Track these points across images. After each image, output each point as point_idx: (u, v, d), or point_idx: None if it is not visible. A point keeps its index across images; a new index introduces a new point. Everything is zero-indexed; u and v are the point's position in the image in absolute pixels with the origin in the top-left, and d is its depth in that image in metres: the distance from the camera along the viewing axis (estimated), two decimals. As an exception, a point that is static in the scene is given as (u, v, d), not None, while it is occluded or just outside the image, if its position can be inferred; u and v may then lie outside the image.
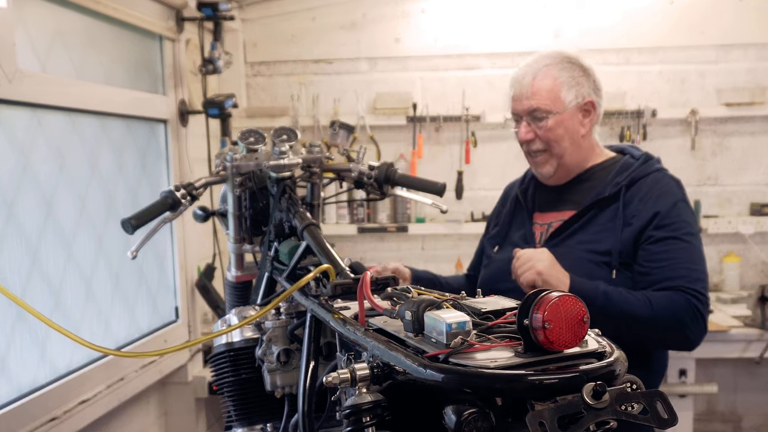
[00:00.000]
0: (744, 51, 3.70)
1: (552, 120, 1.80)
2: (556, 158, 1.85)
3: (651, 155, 1.88)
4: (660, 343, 1.74)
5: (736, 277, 3.74)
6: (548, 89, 1.80)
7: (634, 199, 1.77)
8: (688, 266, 1.69)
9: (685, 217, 1.76)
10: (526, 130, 1.83)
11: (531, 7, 3.74)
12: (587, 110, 1.85)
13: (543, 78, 1.81)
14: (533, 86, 1.81)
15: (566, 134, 1.81)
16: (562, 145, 1.83)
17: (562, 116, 1.81)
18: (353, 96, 3.84)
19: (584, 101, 1.84)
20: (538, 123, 1.81)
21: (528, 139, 1.84)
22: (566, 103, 1.81)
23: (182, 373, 3.05)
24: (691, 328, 1.65)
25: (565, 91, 1.81)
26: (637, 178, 1.80)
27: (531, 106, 1.81)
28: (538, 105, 1.80)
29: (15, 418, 1.96)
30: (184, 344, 1.27)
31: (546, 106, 1.80)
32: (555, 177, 1.89)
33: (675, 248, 1.71)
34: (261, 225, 1.73)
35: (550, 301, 0.79)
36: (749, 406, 3.85)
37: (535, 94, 1.80)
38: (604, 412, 0.76)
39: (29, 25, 2.13)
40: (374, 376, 0.92)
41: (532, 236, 1.88)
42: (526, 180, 2.01)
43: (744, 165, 3.77)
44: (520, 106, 1.84)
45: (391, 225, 3.78)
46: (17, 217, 2.05)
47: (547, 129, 1.81)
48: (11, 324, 2.01)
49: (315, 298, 1.25)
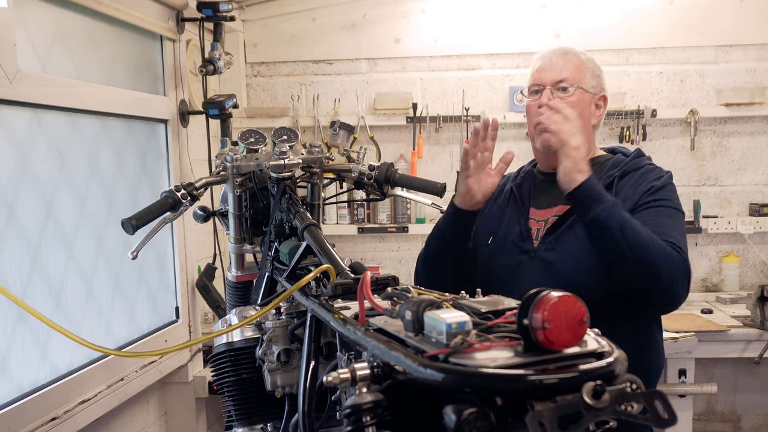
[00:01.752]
0: (744, 51, 3.70)
1: (576, 95, 1.83)
2: None
3: (642, 152, 1.91)
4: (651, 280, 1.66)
5: (736, 277, 3.75)
6: (577, 65, 1.86)
7: (625, 187, 1.80)
8: (674, 231, 1.71)
9: (674, 197, 1.80)
10: (548, 97, 1.83)
11: (531, 7, 3.74)
12: (599, 105, 1.90)
13: (573, 58, 1.87)
14: (564, 60, 1.85)
15: (582, 114, 1.83)
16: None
17: (583, 95, 1.84)
18: (353, 96, 3.84)
19: (600, 94, 1.89)
20: (561, 94, 1.83)
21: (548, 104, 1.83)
22: (589, 87, 1.86)
23: (182, 373, 3.05)
24: (678, 280, 1.66)
25: (589, 76, 1.87)
26: (629, 170, 1.83)
27: (560, 76, 1.83)
28: (567, 76, 1.83)
29: (16, 418, 1.96)
30: (185, 344, 1.27)
31: (574, 79, 1.84)
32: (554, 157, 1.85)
33: (665, 216, 1.74)
34: (261, 225, 1.74)
35: (550, 301, 0.80)
36: (748, 406, 3.85)
37: (566, 66, 1.84)
38: (604, 411, 0.76)
39: (30, 25, 2.13)
40: (374, 375, 0.92)
41: (529, 232, 1.87)
42: (520, 175, 2.01)
43: (743, 165, 3.77)
44: (547, 76, 1.85)
45: (391, 225, 3.78)
46: (18, 218, 2.05)
47: (569, 102, 1.82)
48: (12, 324, 2.01)
49: (315, 298, 1.25)
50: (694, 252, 3.77)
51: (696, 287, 3.81)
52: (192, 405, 3.11)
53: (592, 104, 1.88)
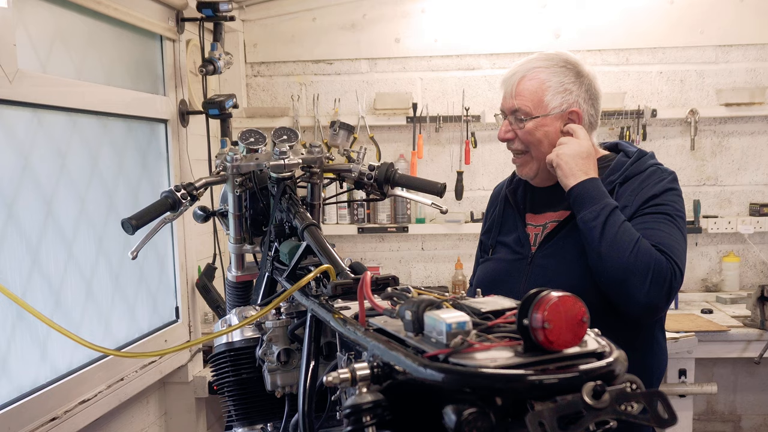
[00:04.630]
0: (743, 51, 3.71)
1: (531, 123, 1.78)
2: (537, 161, 1.82)
3: (644, 151, 1.86)
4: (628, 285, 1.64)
5: (736, 277, 3.75)
6: (532, 92, 1.78)
7: (626, 193, 1.76)
8: (669, 238, 1.68)
9: (675, 203, 1.76)
10: (505, 129, 1.82)
11: (531, 7, 3.74)
12: (571, 119, 1.81)
13: (530, 80, 1.79)
14: (519, 86, 1.79)
15: (545, 139, 1.79)
16: (540, 149, 1.80)
17: (542, 120, 1.78)
18: (353, 96, 3.84)
19: (569, 110, 1.79)
20: (519, 123, 1.80)
21: (506, 138, 1.83)
22: (549, 108, 1.78)
23: (182, 373, 3.05)
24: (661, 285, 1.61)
25: (549, 96, 1.78)
26: (630, 175, 1.79)
27: (513, 105, 1.80)
28: (519, 106, 1.78)
29: (15, 418, 1.96)
30: (184, 344, 1.27)
31: (527, 108, 1.78)
32: (538, 179, 1.86)
33: (661, 222, 1.71)
34: (261, 225, 1.74)
35: (550, 301, 0.80)
36: (749, 406, 3.85)
37: (519, 94, 1.79)
38: (604, 411, 0.76)
39: (30, 25, 2.13)
40: (374, 375, 0.92)
41: (527, 238, 1.86)
42: (515, 180, 1.99)
43: (743, 165, 3.77)
44: (506, 104, 1.83)
45: (391, 225, 3.78)
46: (17, 217, 2.05)
47: (525, 131, 1.79)
48: (12, 324, 2.01)
49: (315, 298, 1.25)
50: (694, 252, 3.77)
51: (696, 287, 3.82)
52: (192, 405, 3.11)
53: (559, 122, 1.79)
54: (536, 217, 1.89)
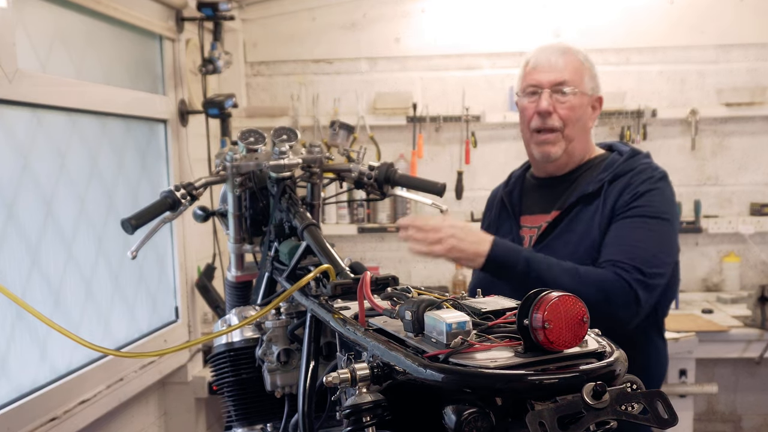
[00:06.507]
0: (744, 51, 3.70)
1: (576, 99, 1.77)
2: (566, 141, 1.79)
3: (638, 150, 1.84)
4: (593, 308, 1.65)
5: (736, 277, 3.74)
6: (576, 68, 1.79)
7: (613, 191, 1.74)
8: (635, 244, 1.65)
9: (655, 202, 1.72)
10: (548, 102, 1.77)
11: (531, 6, 3.74)
12: (594, 107, 1.85)
13: (573, 58, 1.80)
14: (564, 60, 1.78)
15: (581, 118, 1.79)
16: (575, 127, 1.78)
17: (583, 98, 1.79)
18: (353, 96, 3.84)
19: (597, 95, 1.85)
20: (561, 97, 1.77)
21: (548, 111, 1.77)
22: (588, 89, 1.81)
23: (182, 373, 3.05)
24: (618, 303, 1.60)
25: (587, 77, 1.81)
26: (620, 173, 1.77)
27: (559, 78, 1.76)
28: (567, 78, 1.77)
29: (15, 418, 1.96)
30: (184, 344, 1.27)
31: (574, 81, 1.77)
32: (557, 163, 1.83)
33: (628, 227, 1.68)
34: (261, 225, 1.73)
35: (550, 301, 0.79)
36: (749, 406, 3.85)
37: (566, 67, 1.78)
38: (604, 412, 0.76)
39: (29, 25, 2.13)
40: (374, 376, 0.92)
41: (521, 241, 1.85)
42: (511, 182, 1.98)
43: (744, 165, 3.77)
44: (546, 77, 1.78)
45: (391, 225, 3.78)
46: (17, 217, 2.04)
47: (569, 106, 1.76)
48: (11, 324, 2.01)
49: (315, 298, 1.25)
50: (694, 252, 3.77)
51: (696, 287, 3.81)
52: (191, 405, 3.11)
53: (589, 106, 1.83)
54: (531, 218, 1.89)
